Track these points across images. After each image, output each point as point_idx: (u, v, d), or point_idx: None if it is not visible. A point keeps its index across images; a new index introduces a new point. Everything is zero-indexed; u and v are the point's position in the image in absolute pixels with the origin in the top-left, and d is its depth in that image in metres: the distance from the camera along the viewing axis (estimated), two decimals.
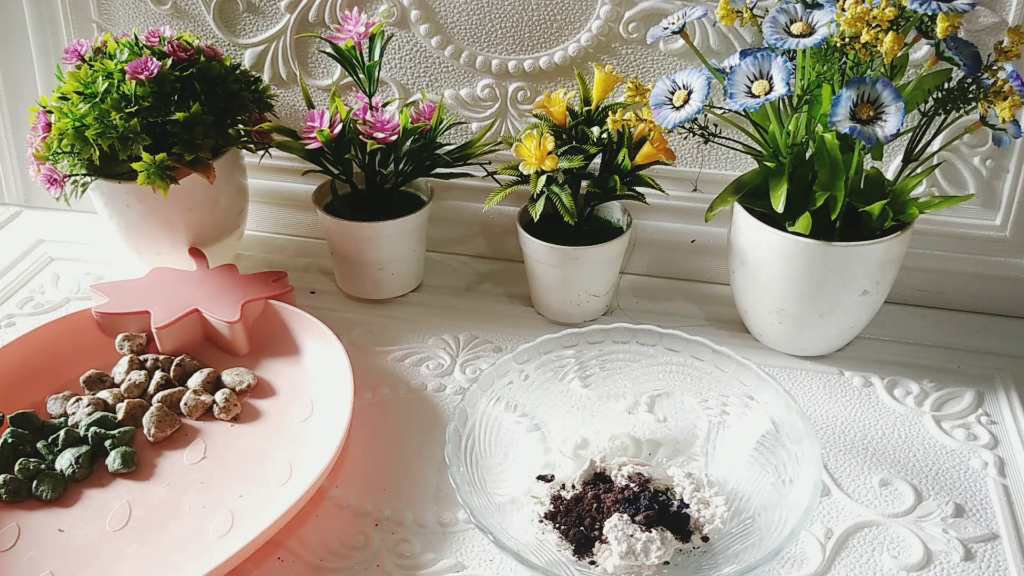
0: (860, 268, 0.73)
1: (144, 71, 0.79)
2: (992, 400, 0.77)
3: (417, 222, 0.86)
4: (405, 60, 0.91)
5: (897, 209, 0.73)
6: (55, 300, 0.90)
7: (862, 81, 0.64)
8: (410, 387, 0.78)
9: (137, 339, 0.79)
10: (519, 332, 0.84)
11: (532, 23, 0.87)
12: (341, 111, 0.81)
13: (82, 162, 0.81)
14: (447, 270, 0.95)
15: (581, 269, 0.82)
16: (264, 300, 0.81)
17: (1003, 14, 0.78)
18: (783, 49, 0.66)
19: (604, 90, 0.81)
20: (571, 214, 0.78)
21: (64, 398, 0.74)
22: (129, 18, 0.95)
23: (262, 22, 0.93)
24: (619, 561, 0.59)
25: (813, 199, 0.72)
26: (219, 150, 0.85)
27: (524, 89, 0.89)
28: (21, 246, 0.99)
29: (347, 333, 0.83)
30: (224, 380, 0.76)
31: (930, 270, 0.87)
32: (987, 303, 0.87)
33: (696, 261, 0.92)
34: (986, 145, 0.82)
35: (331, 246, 0.88)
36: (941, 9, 0.63)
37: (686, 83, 0.70)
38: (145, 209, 0.85)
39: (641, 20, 0.84)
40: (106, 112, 0.78)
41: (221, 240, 0.91)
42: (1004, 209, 0.84)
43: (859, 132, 0.64)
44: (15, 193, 1.07)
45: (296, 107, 0.96)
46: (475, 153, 0.87)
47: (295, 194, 0.97)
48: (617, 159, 0.81)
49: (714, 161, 0.89)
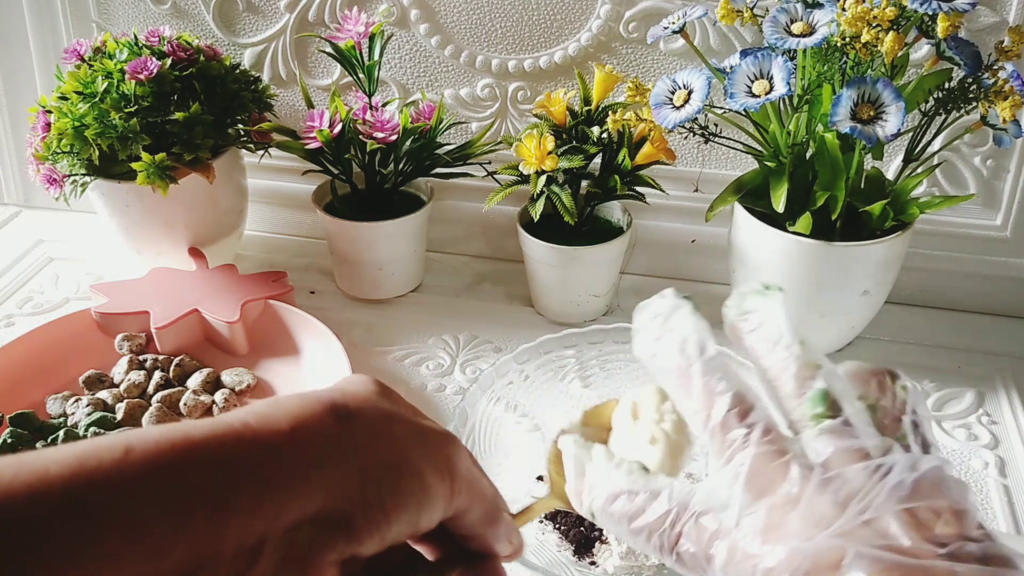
0: (860, 268, 0.73)
1: (144, 71, 0.79)
2: (993, 400, 0.77)
3: (417, 222, 0.86)
4: (405, 60, 0.91)
5: (897, 209, 0.73)
6: (55, 300, 0.90)
7: (862, 81, 0.64)
8: (410, 387, 0.78)
9: (137, 339, 0.79)
10: (519, 332, 0.83)
11: (532, 23, 0.87)
12: (341, 111, 0.81)
13: (82, 162, 0.81)
14: (447, 270, 0.95)
15: (581, 269, 0.82)
16: (264, 300, 0.81)
17: (1003, 14, 0.77)
18: (783, 49, 0.66)
19: (604, 90, 0.81)
20: (571, 214, 0.78)
21: (64, 398, 0.74)
22: (129, 18, 0.95)
23: (262, 22, 0.92)
24: (619, 561, 0.59)
25: (813, 199, 0.72)
26: (219, 150, 0.85)
27: (524, 89, 0.89)
28: (21, 246, 0.99)
29: (347, 333, 0.83)
30: (224, 380, 0.76)
31: (930, 270, 0.87)
32: (987, 303, 0.87)
33: (696, 261, 0.91)
34: (986, 145, 0.82)
35: (331, 246, 0.88)
36: (941, 9, 0.63)
37: (686, 83, 0.70)
38: (145, 209, 0.85)
39: (641, 20, 0.84)
40: (106, 112, 0.78)
41: (221, 240, 0.91)
42: (1004, 209, 0.84)
43: (859, 132, 0.64)
44: (15, 193, 1.07)
45: (296, 107, 0.96)
46: (475, 153, 0.87)
47: (295, 194, 0.97)
48: (617, 159, 0.80)
49: (714, 161, 0.89)
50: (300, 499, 0.28)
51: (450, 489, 0.32)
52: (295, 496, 0.28)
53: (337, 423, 0.30)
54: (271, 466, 0.28)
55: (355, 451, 0.29)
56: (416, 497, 0.30)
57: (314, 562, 0.28)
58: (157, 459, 0.26)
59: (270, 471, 0.28)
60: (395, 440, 0.31)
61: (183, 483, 0.26)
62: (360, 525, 0.29)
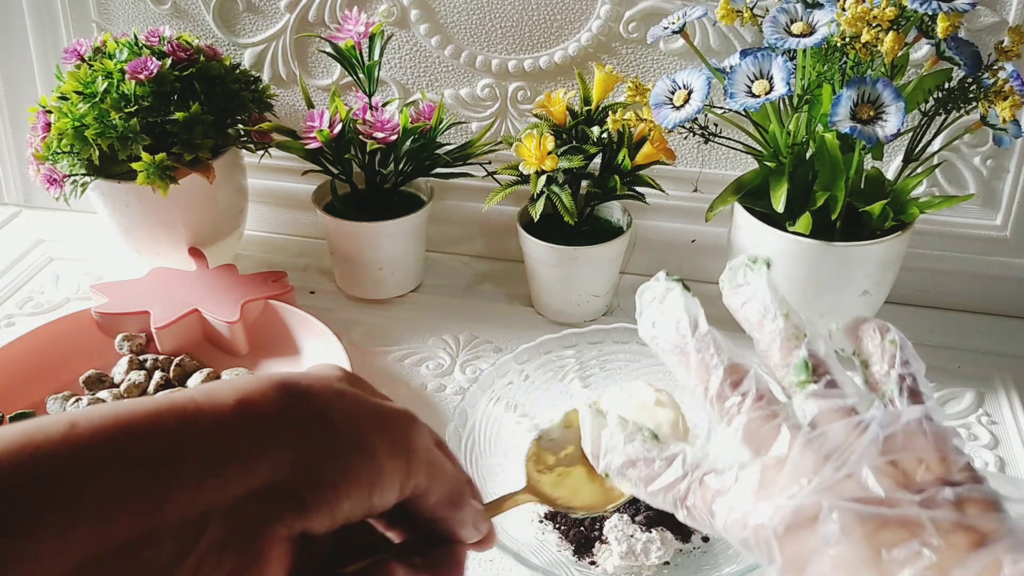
0: (860, 268, 0.73)
1: (144, 71, 0.79)
2: (992, 400, 0.77)
3: (417, 222, 0.86)
4: (405, 60, 0.91)
5: (897, 209, 0.73)
6: (55, 300, 0.90)
7: (862, 81, 0.64)
8: (410, 387, 0.78)
9: (137, 339, 0.79)
10: (519, 332, 0.83)
11: (532, 23, 0.87)
12: (341, 111, 0.81)
13: (82, 162, 0.81)
14: (447, 270, 0.95)
15: (581, 269, 0.82)
16: (264, 300, 0.81)
17: (1003, 14, 0.77)
18: (783, 49, 0.66)
19: (604, 90, 0.81)
20: (571, 214, 0.78)
21: (64, 398, 0.74)
22: (129, 18, 0.95)
23: (262, 22, 0.92)
24: (619, 561, 0.59)
25: (813, 199, 0.72)
26: (219, 150, 0.85)
27: (524, 89, 0.89)
28: (21, 246, 0.99)
29: (347, 333, 0.83)
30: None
31: (930, 270, 0.87)
32: (987, 303, 0.87)
33: (696, 261, 0.91)
34: (986, 145, 0.82)
35: (331, 246, 0.88)
36: (941, 9, 0.63)
37: (686, 83, 0.70)
38: (145, 209, 0.85)
39: (641, 20, 0.84)
40: (106, 112, 0.78)
41: (221, 240, 0.91)
42: (1004, 209, 0.84)
43: (859, 132, 0.64)
44: (15, 193, 1.07)
45: (296, 107, 0.96)
46: (475, 153, 0.87)
47: (295, 194, 0.97)
48: (617, 159, 0.80)
49: (714, 161, 0.89)
50: (245, 473, 0.28)
51: (406, 469, 0.32)
52: (240, 470, 0.28)
53: (285, 400, 0.30)
54: (214, 440, 0.28)
55: (304, 427, 0.30)
56: (368, 475, 0.30)
57: (262, 534, 0.28)
58: (101, 433, 0.26)
59: (213, 445, 0.28)
60: (348, 418, 0.31)
61: (126, 456, 0.26)
62: (309, 500, 0.29)
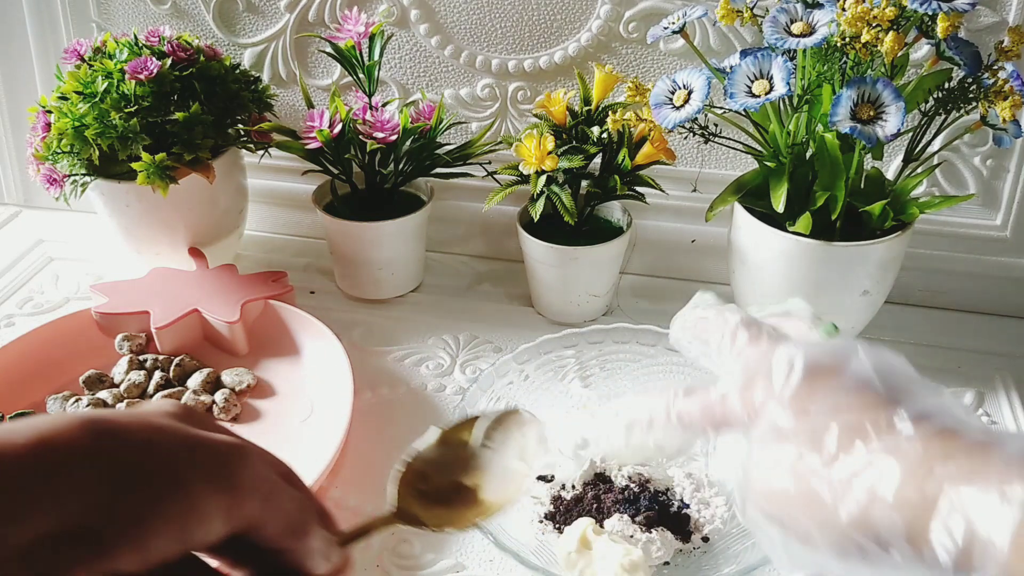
0: (860, 268, 0.73)
1: (144, 71, 0.79)
2: (992, 400, 0.77)
3: (417, 222, 0.86)
4: (405, 60, 0.91)
5: (897, 209, 0.73)
6: (55, 300, 0.90)
7: (862, 81, 0.64)
8: (410, 387, 0.78)
9: (137, 339, 0.79)
10: (519, 332, 0.83)
11: (532, 23, 0.87)
12: (341, 111, 0.81)
13: (82, 162, 0.81)
14: (447, 270, 0.95)
15: (581, 269, 0.82)
16: (264, 300, 0.81)
17: (1003, 14, 0.77)
18: (783, 49, 0.66)
19: (604, 90, 0.81)
20: (571, 214, 0.78)
21: (64, 398, 0.74)
22: (129, 18, 0.95)
23: (262, 22, 0.92)
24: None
25: (813, 199, 0.72)
26: (219, 150, 0.85)
27: (524, 89, 0.89)
28: (21, 246, 0.99)
29: (347, 333, 0.83)
30: (224, 380, 0.76)
31: (930, 270, 0.87)
32: (987, 303, 0.87)
33: (696, 261, 0.91)
34: (986, 145, 0.82)
35: (331, 246, 0.88)
36: (941, 9, 0.63)
37: (686, 83, 0.70)
38: (145, 209, 0.85)
39: (641, 20, 0.84)
40: (106, 112, 0.78)
41: (221, 240, 0.91)
42: (1004, 209, 0.84)
43: (859, 132, 0.64)
44: (15, 193, 1.07)
45: (296, 107, 0.96)
46: (475, 153, 0.87)
47: (295, 194, 0.97)
48: (617, 159, 0.80)
49: (714, 161, 0.89)
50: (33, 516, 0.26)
51: (228, 502, 0.30)
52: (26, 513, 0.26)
53: (91, 437, 0.28)
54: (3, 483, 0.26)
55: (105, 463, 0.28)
56: (180, 509, 0.29)
57: None
58: None
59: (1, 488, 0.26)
60: (162, 453, 0.30)
61: None
62: (111, 539, 0.27)
